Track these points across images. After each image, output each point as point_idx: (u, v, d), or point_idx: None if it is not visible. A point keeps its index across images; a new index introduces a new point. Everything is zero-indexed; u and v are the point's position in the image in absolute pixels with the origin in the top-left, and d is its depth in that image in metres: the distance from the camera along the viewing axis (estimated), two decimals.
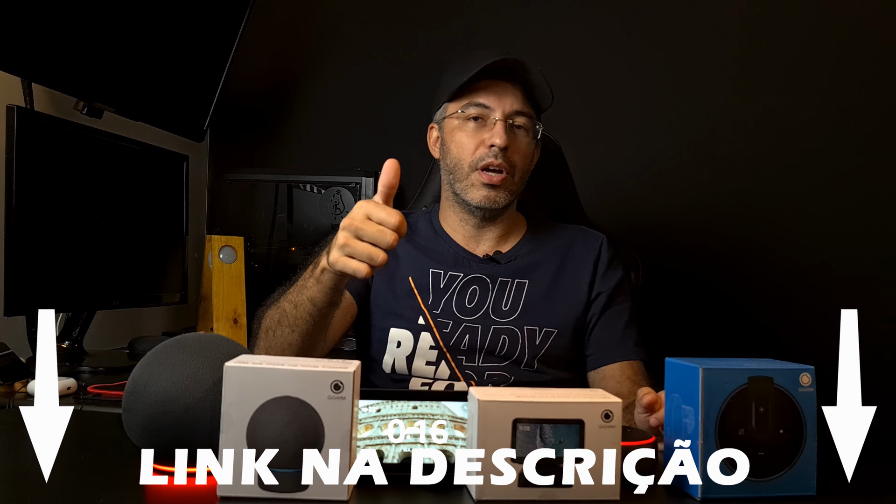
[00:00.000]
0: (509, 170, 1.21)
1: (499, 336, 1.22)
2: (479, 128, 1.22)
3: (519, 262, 1.28)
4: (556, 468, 0.68)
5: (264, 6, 2.11)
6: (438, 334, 1.22)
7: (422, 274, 1.26)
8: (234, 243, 1.78)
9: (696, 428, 0.71)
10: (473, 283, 1.25)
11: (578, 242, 1.31)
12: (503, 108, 1.21)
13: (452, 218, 1.30)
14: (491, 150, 1.19)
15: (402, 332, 1.23)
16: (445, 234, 1.31)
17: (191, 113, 1.93)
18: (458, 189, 1.24)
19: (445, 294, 1.24)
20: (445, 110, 1.27)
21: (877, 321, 1.91)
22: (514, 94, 1.22)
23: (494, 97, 1.21)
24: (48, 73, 1.48)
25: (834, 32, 1.95)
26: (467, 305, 1.24)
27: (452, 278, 1.25)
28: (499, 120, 1.20)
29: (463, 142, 1.23)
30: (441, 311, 1.23)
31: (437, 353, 1.22)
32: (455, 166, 1.24)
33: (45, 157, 1.38)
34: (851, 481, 0.75)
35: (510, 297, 1.25)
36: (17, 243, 1.31)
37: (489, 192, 1.21)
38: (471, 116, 1.22)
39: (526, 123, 1.23)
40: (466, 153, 1.22)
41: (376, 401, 0.74)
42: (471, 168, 1.22)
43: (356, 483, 0.69)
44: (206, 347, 0.73)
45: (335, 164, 2.16)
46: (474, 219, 1.27)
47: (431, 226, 1.33)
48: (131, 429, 0.71)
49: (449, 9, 2.15)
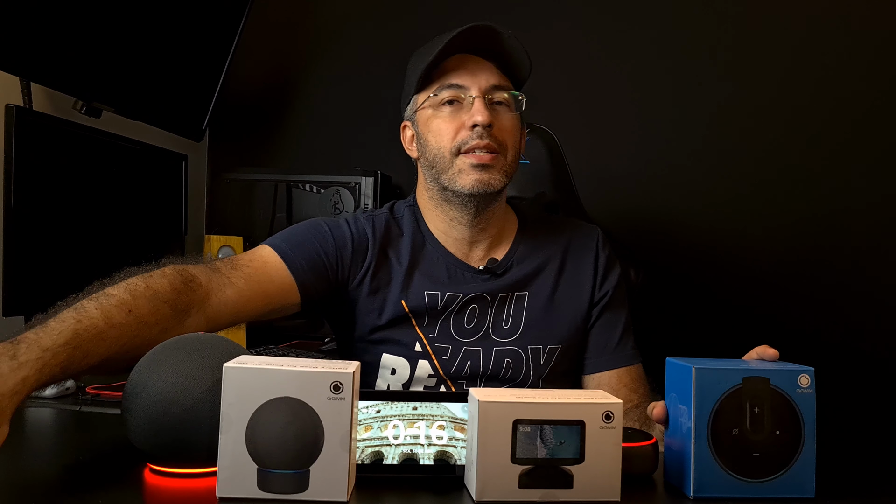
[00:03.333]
0: (498, 149, 1.08)
1: (502, 359, 1.14)
2: (457, 111, 1.09)
3: (516, 271, 1.17)
4: (556, 469, 0.68)
5: (263, 5, 2.11)
6: (437, 362, 1.12)
7: (416, 296, 1.12)
8: (233, 243, 1.78)
9: (690, 427, 0.71)
10: (472, 303, 1.14)
11: (575, 241, 1.22)
12: (479, 84, 1.08)
13: (440, 219, 1.16)
14: (474, 132, 1.06)
15: (397, 360, 1.13)
16: (434, 239, 1.17)
17: (190, 112, 1.93)
18: (445, 181, 1.10)
19: (442, 316, 1.13)
20: (416, 102, 1.15)
21: (877, 321, 1.91)
22: (488, 69, 1.11)
23: (467, 74, 1.09)
24: (47, 72, 1.47)
25: (834, 32, 1.95)
26: (466, 326, 1.14)
27: (451, 300, 1.13)
28: (476, 97, 1.08)
29: (440, 128, 1.10)
30: (438, 335, 1.13)
31: (436, 381, 1.14)
32: (436, 157, 1.10)
33: (44, 156, 1.38)
34: (852, 483, 0.75)
35: (510, 313, 1.15)
36: (16, 243, 1.30)
37: (481, 175, 1.07)
38: (444, 100, 1.10)
39: (506, 98, 1.11)
40: (446, 139, 1.09)
41: (376, 402, 0.73)
42: (453, 154, 1.09)
43: (356, 484, 0.69)
44: (205, 348, 0.73)
45: (334, 163, 2.16)
46: (467, 215, 1.13)
47: (419, 230, 1.18)
48: (130, 429, 0.71)
49: (449, 8, 2.14)
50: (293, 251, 1.08)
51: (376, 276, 1.13)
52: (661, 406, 0.78)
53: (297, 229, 1.14)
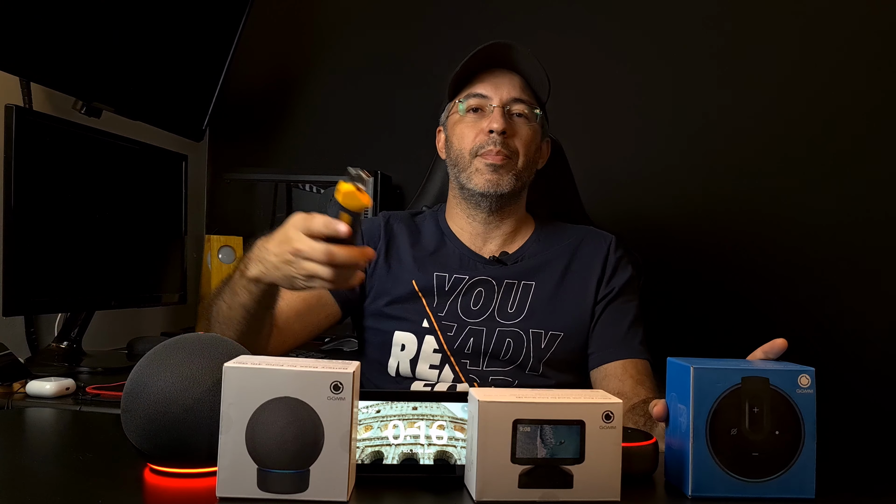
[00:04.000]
0: (510, 154, 1.21)
1: (503, 339, 1.20)
2: (479, 118, 1.23)
3: (525, 263, 1.26)
4: (556, 469, 0.68)
5: (264, 5, 2.11)
6: (443, 337, 1.20)
7: (426, 278, 1.24)
8: (233, 243, 1.78)
9: (688, 426, 0.71)
10: (479, 286, 1.24)
11: (587, 243, 1.29)
12: (500, 95, 1.22)
13: (459, 216, 1.29)
14: (490, 137, 1.20)
15: (407, 336, 1.22)
16: (452, 234, 1.30)
17: (190, 112, 1.93)
18: (463, 179, 1.24)
19: (450, 297, 1.23)
20: (449, 110, 1.29)
21: (878, 321, 1.91)
22: (511, 83, 1.23)
23: (491, 86, 1.23)
24: (47, 72, 1.47)
25: (834, 31, 1.95)
26: (472, 308, 1.22)
27: (458, 281, 1.24)
28: (496, 107, 1.21)
29: (463, 132, 1.24)
30: (446, 314, 1.22)
31: (440, 357, 1.21)
32: (458, 157, 1.25)
33: (44, 156, 1.38)
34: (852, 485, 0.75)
35: (516, 299, 1.23)
36: (16, 243, 1.30)
37: (491, 176, 1.21)
38: (470, 108, 1.24)
39: (525, 111, 1.23)
40: (467, 142, 1.23)
41: (376, 402, 0.73)
42: (471, 155, 1.22)
43: (356, 484, 0.69)
44: (205, 348, 0.73)
45: (334, 163, 2.15)
46: (482, 213, 1.26)
47: (438, 227, 1.32)
48: (130, 429, 0.71)
49: (449, 8, 2.14)
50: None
51: (389, 259, 1.26)
52: (662, 404, 0.78)
53: None
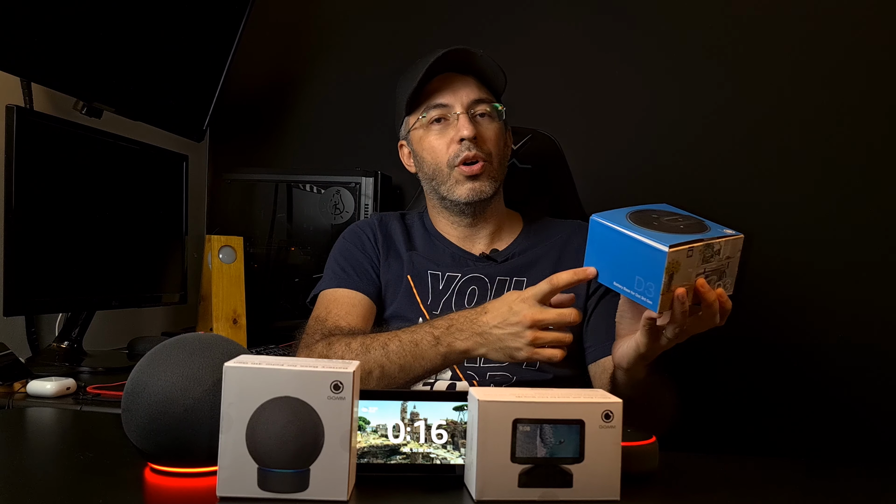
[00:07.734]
0: (485, 158, 1.22)
1: None
2: (445, 127, 1.23)
3: (516, 259, 1.28)
4: (556, 468, 0.68)
5: (264, 6, 2.11)
6: None
7: (420, 275, 1.26)
8: (233, 243, 1.78)
9: None
10: (472, 284, 1.25)
11: (576, 237, 1.29)
12: (461, 100, 1.22)
13: (444, 222, 1.31)
14: (463, 145, 1.20)
15: None
16: (440, 235, 1.32)
17: (190, 113, 1.93)
18: (444, 191, 1.25)
19: (444, 295, 1.24)
20: (408, 124, 1.29)
21: (877, 321, 1.91)
22: (468, 85, 1.24)
23: (450, 93, 1.23)
24: (47, 72, 1.47)
25: (834, 31, 1.95)
26: (466, 305, 1.22)
27: (451, 279, 1.25)
28: (460, 113, 1.21)
29: (434, 145, 1.24)
30: (440, 312, 1.22)
31: None
32: (434, 171, 1.25)
33: (45, 157, 1.38)
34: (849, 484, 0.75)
35: None
36: (17, 243, 1.31)
37: (473, 184, 1.22)
38: (433, 119, 1.24)
39: (487, 110, 1.24)
40: (441, 155, 1.23)
41: (376, 401, 0.74)
42: (450, 167, 1.23)
43: (356, 483, 0.69)
44: (205, 347, 0.73)
45: (335, 164, 2.16)
46: (466, 218, 1.28)
47: (426, 229, 1.34)
48: (131, 429, 0.71)
49: (448, 9, 2.14)
50: (353, 280, 1.26)
51: (388, 257, 1.29)
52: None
53: (335, 264, 1.30)
